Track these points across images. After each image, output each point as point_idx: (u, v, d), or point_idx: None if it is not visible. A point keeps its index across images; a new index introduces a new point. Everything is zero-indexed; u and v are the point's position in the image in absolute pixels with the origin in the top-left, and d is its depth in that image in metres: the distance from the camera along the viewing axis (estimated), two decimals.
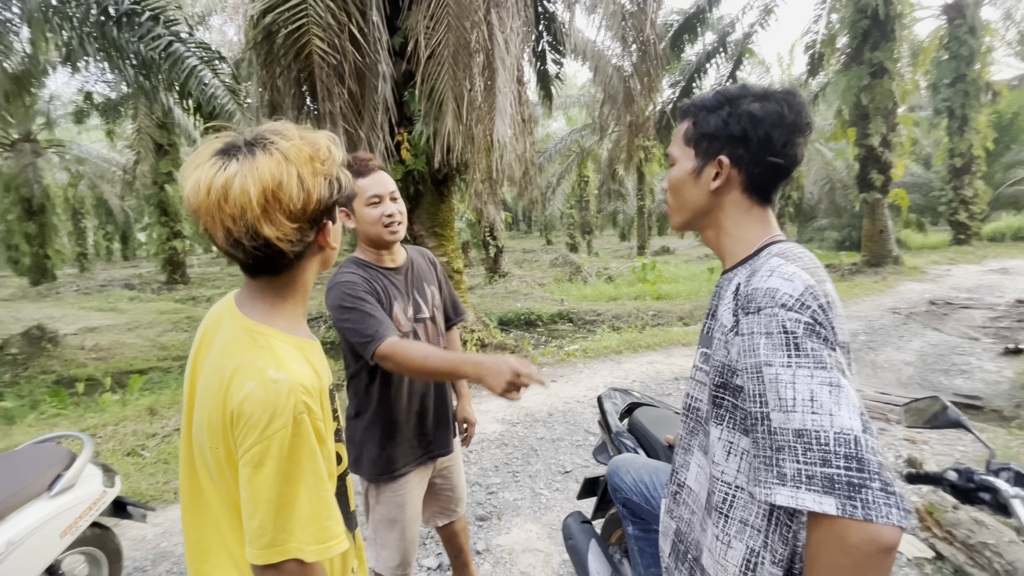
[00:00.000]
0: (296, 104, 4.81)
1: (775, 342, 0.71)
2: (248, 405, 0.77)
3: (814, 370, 0.68)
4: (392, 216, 1.51)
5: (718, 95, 0.89)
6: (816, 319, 0.72)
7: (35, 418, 4.22)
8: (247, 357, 0.81)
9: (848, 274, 11.49)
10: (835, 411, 0.65)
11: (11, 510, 1.50)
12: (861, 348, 5.82)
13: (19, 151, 15.22)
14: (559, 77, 8.47)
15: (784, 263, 0.79)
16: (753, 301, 0.76)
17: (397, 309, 1.55)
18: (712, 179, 0.88)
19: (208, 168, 0.78)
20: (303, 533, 0.78)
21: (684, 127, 0.93)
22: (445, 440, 1.72)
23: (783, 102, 0.85)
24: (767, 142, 0.84)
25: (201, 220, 0.79)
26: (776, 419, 0.69)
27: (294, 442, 0.78)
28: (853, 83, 11.12)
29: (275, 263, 0.85)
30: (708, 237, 0.95)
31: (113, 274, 20.54)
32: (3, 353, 6.95)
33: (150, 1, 6.98)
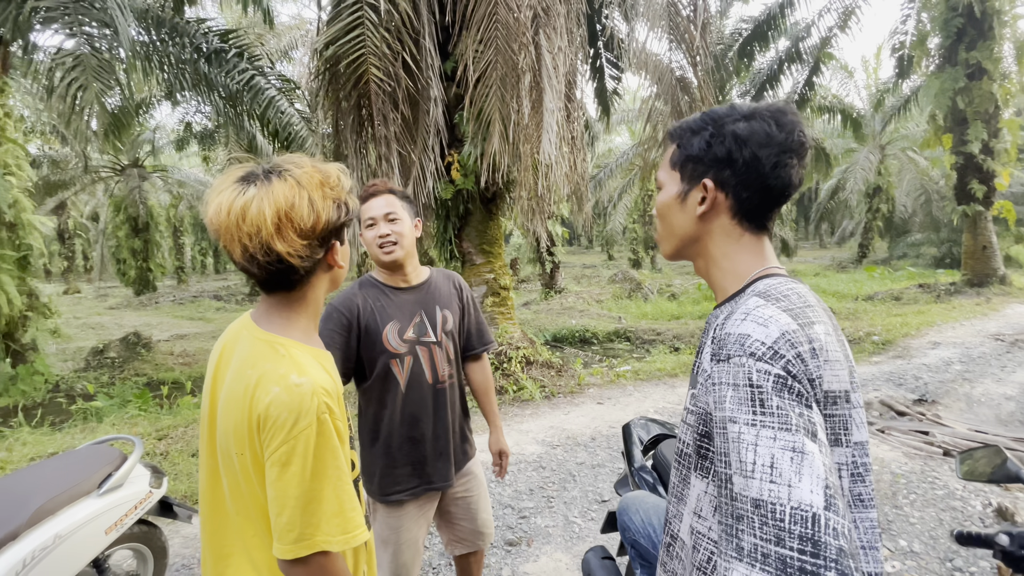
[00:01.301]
0: (356, 129, 5.08)
1: (741, 396, 0.65)
2: (274, 408, 0.83)
3: (777, 431, 0.61)
4: (385, 236, 1.54)
5: (703, 116, 0.83)
6: (789, 371, 0.64)
7: (118, 417, 4.67)
8: (269, 366, 0.88)
9: (946, 294, 10.39)
10: (794, 482, 0.58)
11: (62, 506, 1.66)
12: (955, 379, 5.21)
13: (128, 176, 17.17)
14: (617, 92, 8.40)
15: (762, 305, 0.71)
16: (724, 347, 0.69)
17: (388, 330, 1.55)
18: (698, 204, 0.82)
19: (229, 193, 0.86)
20: (329, 526, 0.84)
21: (670, 150, 0.88)
22: (445, 473, 1.65)
23: (771, 120, 0.78)
24: (754, 163, 0.77)
25: (221, 238, 0.87)
26: (737, 483, 0.62)
27: (319, 441, 0.84)
28: (947, 86, 10.16)
29: (287, 279, 0.92)
30: (699, 267, 0.88)
31: (205, 286, 22.52)
32: (104, 356, 7.77)
33: (236, 39, 7.69)
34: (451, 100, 5.12)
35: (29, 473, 1.82)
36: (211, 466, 0.95)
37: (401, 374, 1.56)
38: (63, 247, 22.39)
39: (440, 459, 1.64)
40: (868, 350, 6.63)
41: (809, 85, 13.26)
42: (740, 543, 0.60)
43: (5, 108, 7.87)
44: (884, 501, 2.97)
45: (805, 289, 0.79)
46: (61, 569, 1.61)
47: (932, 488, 3.06)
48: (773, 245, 0.86)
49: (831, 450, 0.66)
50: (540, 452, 3.83)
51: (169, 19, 7.19)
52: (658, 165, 0.92)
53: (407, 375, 1.57)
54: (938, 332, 7.27)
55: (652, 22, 6.02)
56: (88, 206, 25.23)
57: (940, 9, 10.16)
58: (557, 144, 4.52)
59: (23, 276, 7.38)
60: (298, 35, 13.86)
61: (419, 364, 1.58)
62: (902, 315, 8.49)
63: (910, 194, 20.10)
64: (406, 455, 1.59)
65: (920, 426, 4.09)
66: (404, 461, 1.59)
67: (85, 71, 5.01)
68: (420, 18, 4.74)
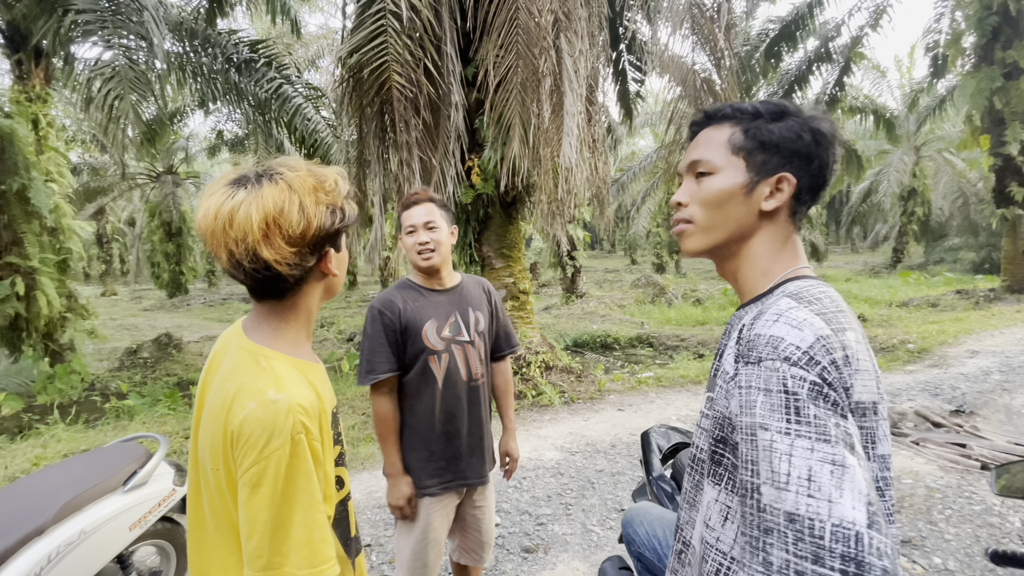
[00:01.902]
0: (378, 135, 5.15)
1: (774, 402, 0.61)
2: (248, 425, 0.79)
3: (815, 443, 0.57)
4: (424, 244, 1.63)
5: (776, 104, 0.78)
6: (825, 378, 0.61)
7: (148, 415, 4.81)
8: (249, 379, 0.84)
9: (984, 301, 9.97)
10: (835, 497, 0.54)
11: (88, 502, 1.71)
12: (993, 389, 4.98)
13: (163, 182, 17.77)
14: (640, 95, 8.33)
15: (795, 306, 0.67)
16: (754, 350, 0.65)
17: (428, 327, 1.63)
18: (768, 197, 0.76)
19: (219, 196, 0.83)
20: (296, 556, 0.79)
21: (728, 133, 0.79)
22: (479, 470, 1.73)
23: (827, 121, 0.77)
24: (825, 163, 0.76)
25: (207, 243, 0.84)
26: (767, 494, 0.59)
27: (291, 462, 0.79)
28: (984, 85, 9.79)
29: (277, 287, 0.88)
30: (728, 267, 0.82)
31: (234, 289, 23.09)
32: (138, 356, 8.03)
33: (265, 49, 7.90)
34: (472, 105, 5.15)
35: (57, 469, 1.88)
36: (194, 479, 0.92)
37: (439, 370, 1.64)
38: (101, 251, 23.28)
39: (474, 455, 1.71)
40: (902, 358, 6.40)
41: (840, 85, 12.93)
42: (768, 557, 0.56)
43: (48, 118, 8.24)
44: (918, 516, 2.84)
45: (836, 293, 0.75)
46: (86, 564, 1.65)
47: (969, 503, 2.92)
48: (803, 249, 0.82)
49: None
50: (559, 458, 3.80)
51: (202, 31, 7.43)
52: (696, 146, 0.83)
53: (444, 371, 1.65)
54: (976, 340, 6.97)
55: (675, 24, 5.96)
56: (125, 211, 26.22)
57: (974, 7, 9.82)
58: (578, 148, 4.50)
59: (63, 279, 7.68)
60: (325, 44, 14.17)
61: (455, 362, 1.66)
62: (939, 322, 8.17)
63: (947, 197, 19.40)
64: (442, 449, 1.65)
65: (957, 438, 3.91)
66: (440, 455, 1.65)
67: (122, 82, 5.20)
68: (442, 25, 4.78)
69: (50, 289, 7.25)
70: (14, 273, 6.88)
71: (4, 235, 6.95)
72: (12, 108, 7.26)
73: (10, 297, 6.82)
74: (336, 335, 10.18)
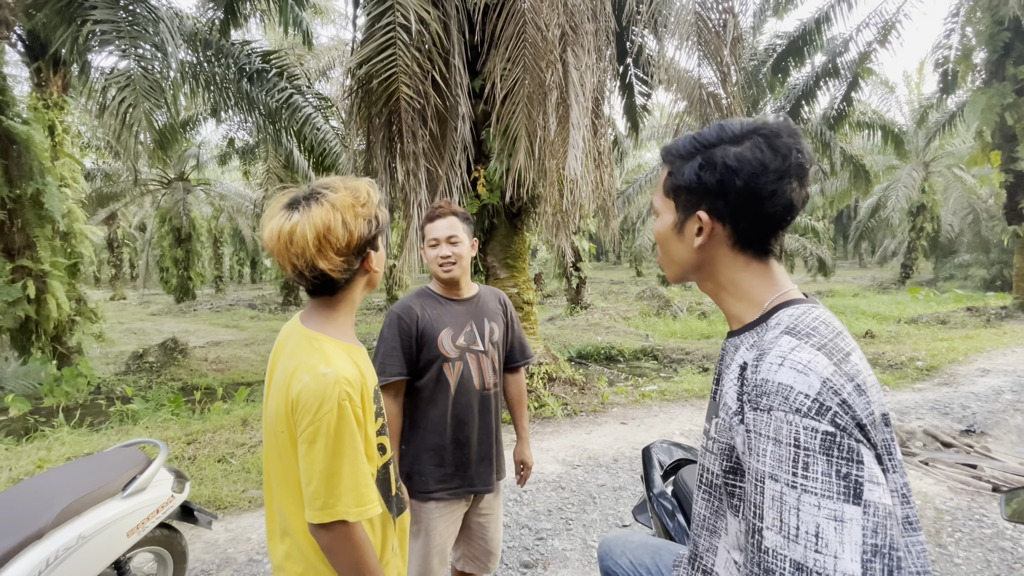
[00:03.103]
0: (386, 145, 5.19)
1: (783, 454, 0.63)
2: (304, 394, 0.99)
3: (822, 499, 0.60)
4: (447, 258, 1.69)
5: (692, 140, 0.79)
6: (837, 423, 0.61)
7: (152, 420, 4.82)
8: (304, 357, 1.04)
9: (996, 319, 9.85)
10: (840, 553, 0.58)
11: (87, 507, 1.71)
12: (1005, 409, 4.90)
13: (174, 188, 17.99)
14: (646, 108, 8.37)
15: (797, 345, 0.67)
16: (764, 397, 0.66)
17: (444, 335, 1.68)
18: (695, 235, 0.79)
19: (279, 219, 1.02)
20: (347, 498, 0.98)
21: (663, 176, 0.84)
22: (487, 478, 1.75)
23: (765, 146, 0.73)
24: (749, 193, 0.73)
25: (275, 259, 1.04)
26: (771, 540, 0.63)
27: (339, 423, 0.98)
28: (995, 101, 9.76)
29: (330, 287, 1.08)
30: (707, 289, 0.84)
31: (241, 295, 23.26)
32: (144, 360, 8.08)
33: (277, 60, 8.03)
34: (478, 117, 5.19)
35: (57, 473, 1.89)
36: (266, 443, 1.13)
37: (452, 377, 1.68)
38: (112, 255, 23.54)
39: (482, 463, 1.73)
40: (911, 376, 6.32)
41: (847, 101, 12.93)
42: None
43: (64, 124, 8.40)
44: (927, 539, 2.79)
45: (828, 313, 0.74)
46: (83, 569, 1.65)
47: (979, 526, 2.86)
48: (810, 264, 0.80)
49: (889, 477, 0.66)
50: (560, 471, 3.76)
51: (215, 41, 7.56)
52: (656, 184, 0.87)
53: (457, 379, 1.68)
54: (988, 359, 6.87)
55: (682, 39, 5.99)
56: (136, 217, 26.54)
57: (986, 23, 9.82)
58: (583, 160, 4.51)
59: (73, 282, 7.78)
60: (335, 55, 14.37)
61: (468, 370, 1.69)
62: (948, 339, 8.07)
63: (957, 213, 19.26)
64: (452, 456, 1.68)
65: (967, 459, 3.84)
66: (449, 462, 1.68)
67: (136, 91, 5.30)
68: (450, 38, 4.84)
69: (60, 292, 7.33)
70: (26, 276, 6.97)
71: (17, 239, 7.05)
72: (30, 115, 7.41)
73: (21, 300, 6.90)
74: None
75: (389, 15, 4.42)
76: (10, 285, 6.81)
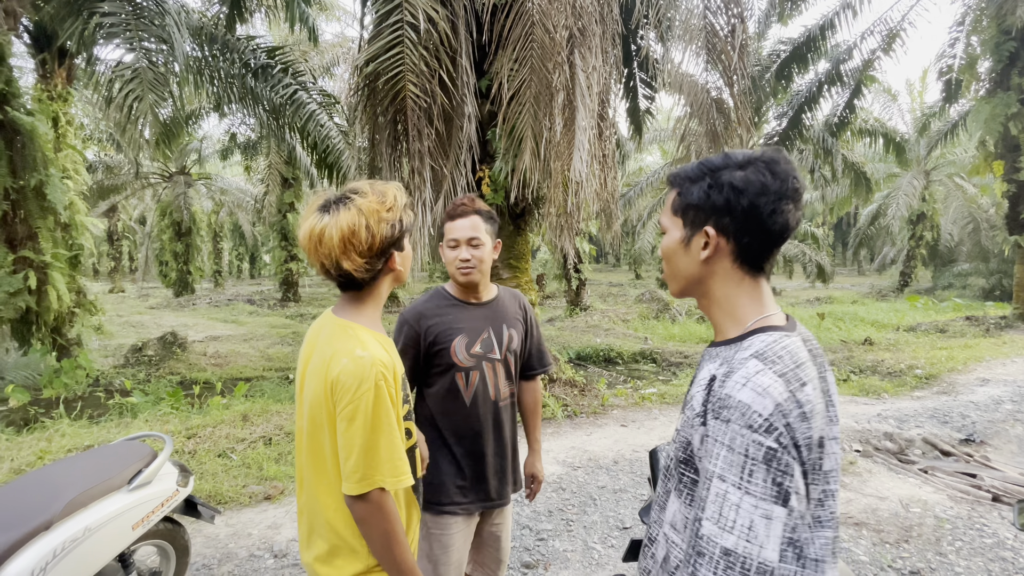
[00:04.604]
0: (391, 143, 5.19)
1: (734, 460, 0.74)
2: (343, 375, 1.08)
3: (759, 500, 0.72)
4: (466, 262, 1.58)
5: (700, 165, 0.88)
6: (780, 442, 0.73)
7: (151, 414, 4.82)
8: (341, 343, 1.13)
9: (995, 328, 9.87)
10: (764, 544, 0.71)
11: (93, 499, 1.71)
12: (1005, 419, 4.91)
13: (175, 182, 17.97)
14: (650, 112, 8.38)
15: (761, 370, 0.77)
16: (725, 409, 0.77)
17: (457, 343, 1.59)
18: (701, 249, 0.87)
19: (312, 220, 1.11)
20: (384, 468, 1.07)
21: (671, 197, 0.92)
22: (502, 491, 1.69)
23: (765, 170, 0.83)
24: (752, 211, 0.82)
25: (307, 257, 1.13)
26: (708, 528, 0.74)
27: (376, 402, 1.07)
28: (999, 111, 9.79)
29: (356, 283, 1.17)
30: (703, 305, 0.94)
31: (240, 290, 23.21)
32: (143, 354, 8.07)
33: (282, 56, 8.02)
34: (484, 117, 5.19)
35: (64, 465, 1.89)
36: (300, 436, 1.20)
37: (465, 388, 1.60)
38: (111, 248, 23.49)
39: (497, 476, 1.66)
40: (910, 384, 6.33)
41: (850, 108, 12.95)
42: (696, 572, 0.74)
43: (67, 116, 8.39)
44: (927, 547, 2.79)
45: (796, 344, 0.82)
46: (89, 561, 1.65)
47: (980, 536, 2.87)
48: (808, 270, 0.84)
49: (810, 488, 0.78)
50: (560, 473, 3.77)
51: (221, 36, 7.55)
52: (664, 204, 0.97)
53: (472, 390, 1.60)
54: (987, 368, 6.89)
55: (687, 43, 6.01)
56: (137, 210, 26.50)
57: (991, 32, 9.85)
58: (588, 162, 4.52)
59: (73, 274, 7.76)
60: (340, 52, 14.36)
61: (484, 380, 1.61)
62: (948, 348, 8.09)
63: (957, 222, 19.29)
64: (468, 469, 1.61)
65: (967, 468, 3.86)
66: (466, 474, 1.61)
67: (142, 84, 5.29)
68: (458, 37, 4.84)
69: (61, 284, 7.31)
70: (27, 267, 6.95)
71: (19, 229, 7.02)
72: (34, 106, 7.39)
73: (22, 291, 6.87)
74: None
75: (397, 13, 4.42)
76: (11, 276, 6.79)
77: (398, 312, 13.74)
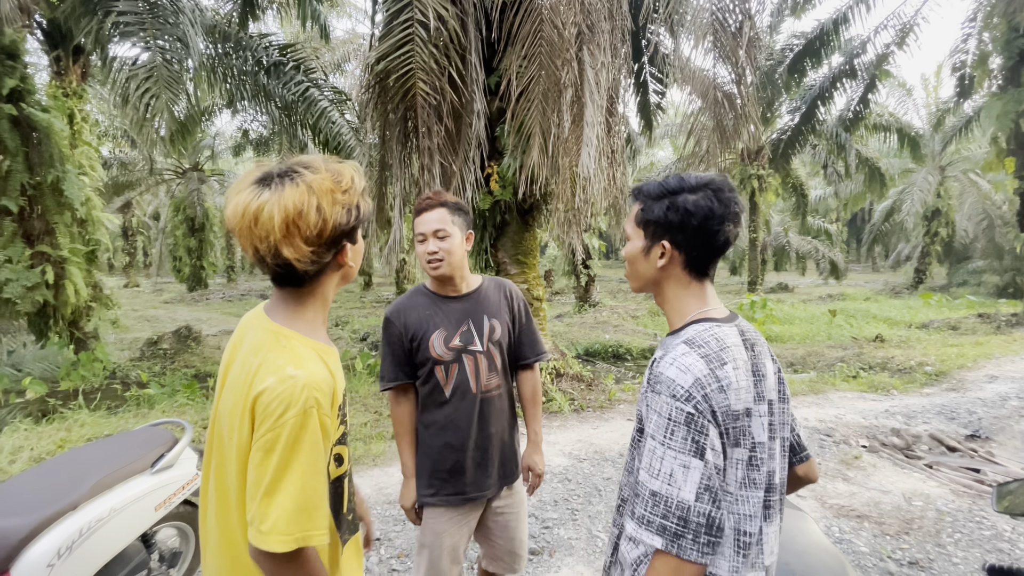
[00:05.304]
0: (401, 140, 5.26)
1: (661, 423, 0.91)
2: (267, 396, 0.88)
3: (678, 454, 0.89)
4: (433, 254, 1.58)
5: (660, 186, 1.04)
6: (697, 408, 0.90)
7: (168, 404, 4.94)
8: (270, 355, 0.92)
9: (1006, 326, 9.75)
10: (682, 487, 0.88)
11: (119, 481, 1.80)
12: (1011, 415, 4.89)
13: (189, 178, 18.20)
14: (660, 107, 8.37)
15: (687, 352, 0.94)
16: (657, 383, 0.94)
17: (435, 337, 1.60)
18: (659, 258, 1.04)
19: (246, 195, 0.90)
20: (292, 520, 0.86)
21: (635, 210, 1.07)
22: (483, 484, 1.67)
23: (713, 197, 0.99)
24: (701, 231, 0.99)
25: (236, 238, 0.92)
26: (643, 476, 0.92)
27: (300, 432, 0.87)
28: (1010, 108, 9.65)
29: (297, 277, 0.97)
30: (658, 301, 1.11)
31: (252, 285, 23.49)
32: (157, 347, 8.23)
33: (294, 53, 8.11)
34: (493, 113, 5.24)
35: (91, 449, 1.98)
36: (209, 447, 1.01)
37: (445, 381, 1.60)
38: (126, 243, 23.86)
39: (479, 469, 1.65)
40: (920, 380, 6.31)
41: (864, 102, 12.80)
42: (635, 510, 0.92)
43: (82, 113, 8.55)
44: (926, 538, 2.82)
45: (727, 332, 0.98)
46: (113, 540, 1.74)
47: (979, 528, 2.90)
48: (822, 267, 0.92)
49: (731, 450, 0.94)
50: (567, 464, 3.83)
51: (234, 34, 7.65)
52: (628, 214, 1.13)
53: (452, 382, 1.60)
54: (996, 365, 6.84)
55: (698, 38, 5.99)
56: (151, 206, 26.85)
57: (1002, 29, 9.71)
58: (596, 158, 4.55)
59: (90, 269, 7.93)
60: (350, 49, 14.45)
61: (464, 372, 1.61)
62: (958, 345, 8.02)
63: (972, 218, 18.99)
64: (447, 460, 1.62)
65: (971, 463, 3.86)
66: (444, 466, 1.63)
67: (158, 82, 5.39)
68: (467, 35, 4.88)
69: (78, 278, 7.47)
70: (45, 262, 7.11)
71: (37, 225, 7.18)
72: (49, 103, 7.54)
73: (40, 285, 7.04)
74: (350, 334, 10.32)
75: (408, 11, 4.47)
76: (29, 270, 6.96)
77: None
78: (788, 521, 1.41)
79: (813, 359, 7.68)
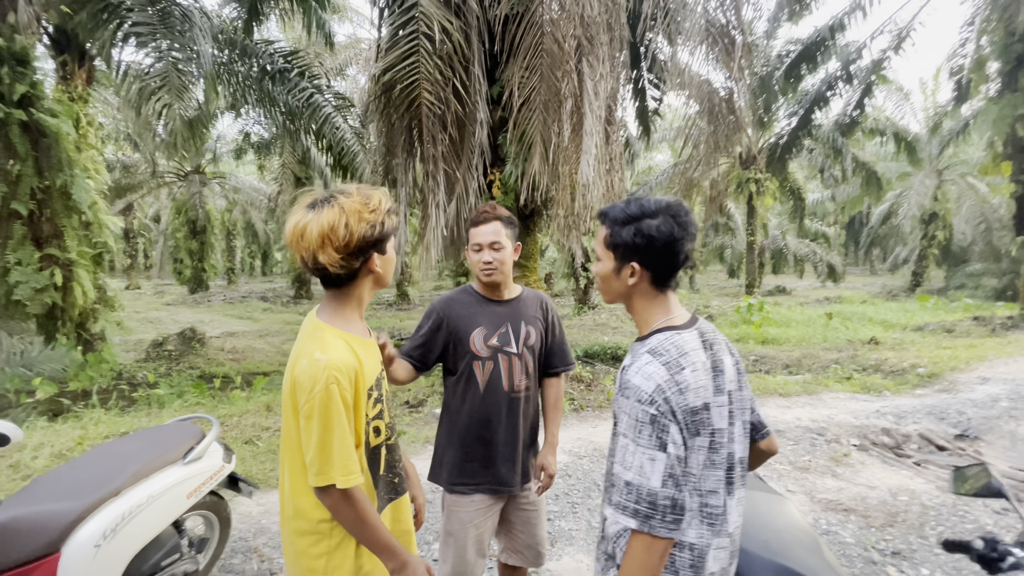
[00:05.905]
0: (406, 148, 5.42)
1: (630, 423, 1.05)
2: (301, 376, 1.15)
3: (646, 449, 1.04)
4: (488, 263, 1.74)
5: (624, 212, 1.15)
6: (660, 410, 1.04)
7: (179, 404, 5.08)
8: (307, 344, 1.20)
9: (1001, 328, 9.89)
10: (650, 476, 1.03)
11: (154, 471, 1.94)
12: (1000, 416, 5.04)
13: (190, 181, 18.35)
14: (658, 112, 8.53)
15: (650, 361, 1.08)
16: (626, 389, 1.08)
17: (476, 334, 1.75)
18: (629, 276, 1.16)
19: (298, 215, 1.19)
20: (337, 466, 1.14)
21: (604, 234, 1.19)
22: (511, 479, 1.77)
23: (673, 222, 1.12)
24: (664, 252, 1.13)
25: (292, 251, 1.21)
26: (617, 468, 1.07)
27: (328, 402, 1.13)
28: (1006, 112, 9.83)
29: (335, 280, 1.23)
30: (629, 310, 1.24)
31: (253, 287, 23.63)
32: (162, 349, 8.37)
33: (298, 60, 8.26)
34: (496, 123, 5.40)
35: (127, 441, 2.12)
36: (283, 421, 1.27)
37: (481, 376, 1.74)
38: (128, 245, 23.98)
39: (506, 464, 1.77)
40: (912, 382, 6.45)
41: (860, 107, 12.97)
42: (612, 497, 1.07)
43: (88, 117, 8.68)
44: (910, 531, 2.97)
45: (687, 338, 1.11)
46: (150, 525, 1.88)
47: (962, 522, 3.04)
48: (819, 270, 1.26)
49: (692, 439, 1.07)
50: (567, 461, 3.97)
51: (240, 41, 7.80)
52: (596, 236, 1.25)
53: (486, 378, 1.74)
54: (989, 367, 6.99)
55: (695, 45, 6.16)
56: (152, 208, 27.00)
57: (999, 34, 9.88)
58: (595, 165, 4.71)
59: (96, 271, 8.06)
60: (352, 54, 14.60)
61: (498, 370, 1.75)
62: (952, 348, 8.17)
63: (969, 221, 19.15)
64: (476, 452, 1.76)
65: (959, 462, 4.00)
66: (474, 456, 1.76)
67: (171, 91, 5.54)
68: (471, 47, 5.04)
69: (86, 281, 7.60)
70: (53, 264, 7.24)
71: (46, 228, 7.31)
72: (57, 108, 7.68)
73: (49, 287, 7.17)
74: None
75: (413, 24, 4.63)
76: (39, 273, 7.09)
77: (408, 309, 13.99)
78: (768, 504, 1.55)
79: (808, 361, 7.83)
